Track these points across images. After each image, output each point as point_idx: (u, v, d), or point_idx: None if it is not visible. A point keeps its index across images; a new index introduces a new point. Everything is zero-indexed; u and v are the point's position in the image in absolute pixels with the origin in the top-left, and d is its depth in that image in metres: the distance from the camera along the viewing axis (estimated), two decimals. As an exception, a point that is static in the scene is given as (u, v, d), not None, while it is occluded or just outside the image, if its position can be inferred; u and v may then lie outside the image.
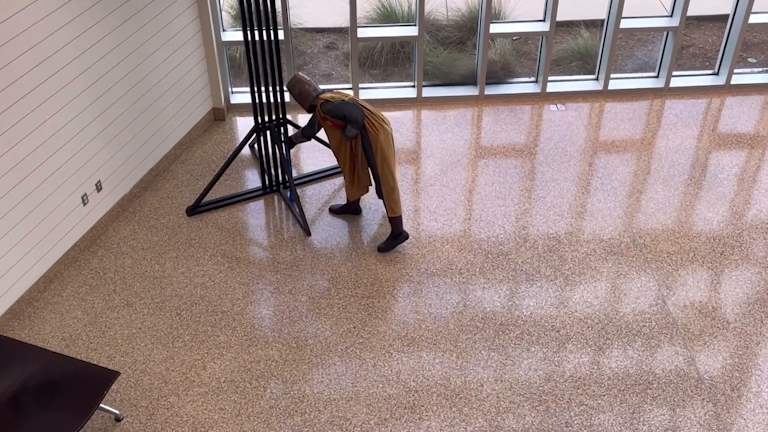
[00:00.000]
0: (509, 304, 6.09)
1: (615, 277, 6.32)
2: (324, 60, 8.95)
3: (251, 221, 6.82)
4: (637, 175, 7.36)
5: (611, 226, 6.79)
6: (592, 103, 8.35)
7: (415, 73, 8.23)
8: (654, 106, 8.31)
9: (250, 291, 6.18)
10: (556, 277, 6.31)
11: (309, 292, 6.17)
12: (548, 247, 6.57)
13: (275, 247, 6.57)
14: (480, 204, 7.01)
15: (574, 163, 7.49)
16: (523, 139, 7.82)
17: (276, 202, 7.04)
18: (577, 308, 6.06)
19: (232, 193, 7.10)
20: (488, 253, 6.51)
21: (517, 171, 7.39)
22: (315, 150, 7.61)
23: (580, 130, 7.93)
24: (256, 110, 6.69)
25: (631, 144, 7.75)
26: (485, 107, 8.28)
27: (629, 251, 6.55)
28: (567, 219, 6.85)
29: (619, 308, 6.07)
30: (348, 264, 6.40)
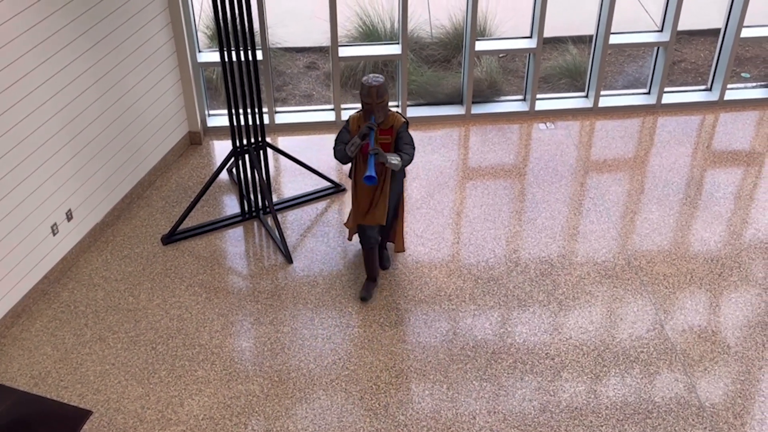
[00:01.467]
0: (501, 332, 6.04)
1: (610, 302, 6.29)
2: (304, 80, 8.94)
3: (230, 249, 6.76)
4: (631, 194, 7.36)
5: (605, 248, 6.77)
6: (582, 121, 8.37)
7: (399, 93, 8.23)
8: (646, 123, 8.33)
9: (229, 322, 6.11)
10: (550, 302, 6.28)
11: (291, 322, 6.11)
12: (540, 271, 6.54)
13: (255, 276, 6.51)
14: (469, 227, 6.98)
15: (565, 183, 7.48)
16: (511, 159, 7.81)
17: (255, 228, 7.00)
18: (572, 334, 6.02)
19: (209, 219, 7.05)
20: (478, 279, 6.48)
21: (506, 192, 7.38)
22: (296, 173, 7.58)
23: (570, 149, 7.93)
24: (234, 133, 6.67)
25: (624, 163, 7.76)
26: (472, 127, 8.28)
27: (624, 274, 6.53)
28: (559, 241, 6.84)
29: (616, 334, 6.03)
30: (332, 292, 6.35)
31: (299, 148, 7.93)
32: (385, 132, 5.70)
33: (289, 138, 8.11)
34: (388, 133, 5.69)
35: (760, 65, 9.21)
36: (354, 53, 8.04)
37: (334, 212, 7.16)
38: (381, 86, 5.55)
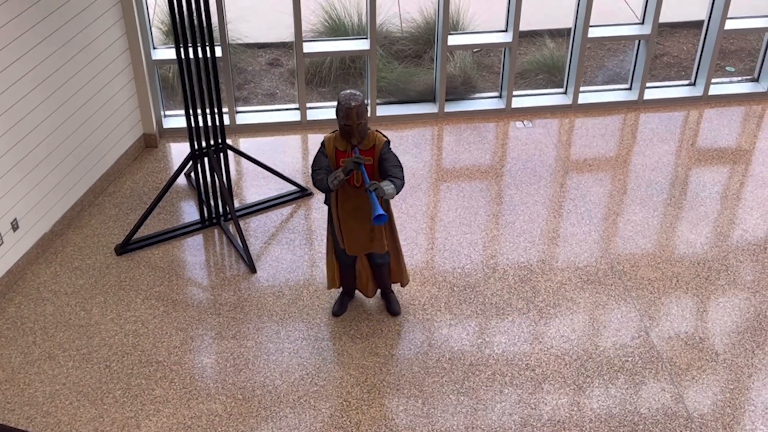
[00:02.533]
0: (479, 342, 6.04)
1: (593, 308, 6.31)
2: (267, 78, 8.90)
3: (189, 259, 6.71)
4: (613, 195, 7.39)
5: (587, 252, 6.79)
6: (561, 118, 8.40)
7: (368, 91, 8.21)
8: (628, 120, 8.38)
9: (189, 337, 6.05)
10: (529, 309, 6.28)
11: (256, 336, 6.06)
12: (519, 278, 6.55)
13: (217, 287, 6.46)
14: (443, 232, 6.98)
15: (544, 184, 7.50)
16: (488, 159, 7.82)
17: (216, 236, 6.95)
18: (554, 344, 6.03)
19: (166, 228, 6.99)
20: (454, 286, 6.47)
21: (482, 195, 7.38)
22: (258, 177, 7.54)
23: (549, 149, 7.95)
24: (192, 135, 6.62)
25: (605, 162, 7.79)
26: (446, 126, 8.28)
27: (607, 279, 6.55)
28: (539, 246, 6.85)
29: (599, 342, 6.05)
30: (299, 303, 6.31)
31: (262, 151, 7.88)
32: (365, 153, 5.53)
33: (251, 139, 8.07)
34: (369, 154, 5.55)
35: (745, 58, 9.31)
36: (320, 49, 8.02)
37: (300, 218, 7.12)
38: (361, 105, 5.35)
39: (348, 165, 5.41)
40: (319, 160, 5.58)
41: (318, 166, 5.58)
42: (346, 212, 5.68)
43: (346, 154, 5.53)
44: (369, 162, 5.54)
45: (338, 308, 6.20)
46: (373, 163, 5.55)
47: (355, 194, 5.62)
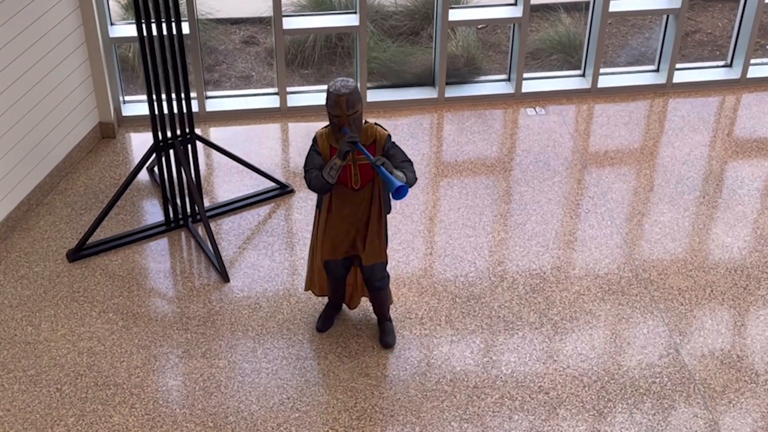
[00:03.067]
0: (484, 361, 6.04)
1: (615, 322, 6.32)
2: (241, 58, 8.89)
3: (152, 266, 6.70)
4: (638, 192, 7.40)
5: (608, 257, 6.81)
6: (579, 104, 8.41)
7: (357, 73, 8.21)
8: (655, 106, 8.40)
9: (152, 356, 6.05)
10: (543, 324, 6.29)
11: (228, 354, 6.06)
12: (531, 287, 6.56)
13: (184, 299, 6.45)
14: (444, 235, 6.98)
15: (560, 179, 7.51)
16: (494, 151, 7.82)
17: (183, 240, 6.94)
18: (570, 363, 6.03)
19: (126, 230, 6.99)
20: (456, 297, 6.48)
21: (488, 192, 7.38)
22: (232, 172, 7.53)
23: (565, 139, 7.96)
24: (156, 124, 6.61)
25: (629, 154, 7.80)
26: (446, 113, 8.28)
27: (631, 289, 6.56)
28: (553, 251, 6.85)
29: (622, 361, 6.06)
30: (278, 317, 6.31)
31: (236, 142, 7.88)
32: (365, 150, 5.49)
33: (224, 129, 8.06)
34: (368, 151, 5.52)
35: (789, 36, 9.34)
36: (302, 25, 8.01)
37: (280, 218, 7.12)
38: (352, 94, 5.30)
39: (342, 146, 5.33)
40: (313, 159, 5.52)
41: (311, 165, 5.51)
42: (342, 217, 5.65)
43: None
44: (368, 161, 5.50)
45: (323, 323, 6.21)
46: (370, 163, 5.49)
47: (353, 198, 5.60)
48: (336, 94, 5.31)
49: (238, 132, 8.03)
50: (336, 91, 5.31)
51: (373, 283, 5.91)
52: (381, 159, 5.28)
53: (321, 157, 5.52)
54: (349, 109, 5.33)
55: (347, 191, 5.59)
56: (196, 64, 7.91)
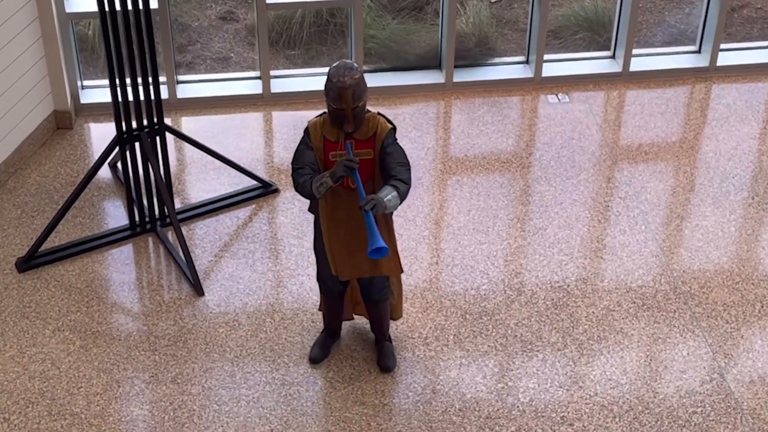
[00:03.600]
0: (499, 388, 6.02)
1: (650, 343, 6.30)
2: (218, 37, 8.88)
3: (114, 277, 6.69)
4: (676, 192, 7.39)
5: (642, 268, 6.79)
6: (608, 91, 8.39)
7: (352, 54, 8.19)
8: (696, 93, 8.38)
9: (115, 381, 6.03)
10: (566, 345, 6.27)
11: (203, 379, 6.04)
12: (552, 302, 6.54)
13: (151, 315, 6.44)
14: (452, 241, 6.96)
15: (586, 177, 7.49)
16: (510, 145, 7.81)
17: (151, 247, 6.92)
18: (598, 390, 6.02)
19: (85, 236, 6.98)
20: (466, 313, 6.46)
21: (503, 192, 7.37)
22: (207, 168, 7.52)
23: (592, 131, 7.95)
24: (119, 113, 6.60)
25: (666, 148, 7.79)
26: (455, 100, 8.27)
27: (669, 304, 6.54)
28: (578, 260, 6.84)
29: (659, 388, 6.04)
30: (261, 336, 6.29)
31: (212, 133, 7.87)
32: (363, 144, 5.45)
33: (198, 118, 8.06)
34: (367, 146, 5.46)
35: None
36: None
37: (263, 222, 7.11)
38: (358, 85, 5.23)
39: (338, 170, 5.26)
40: (302, 156, 5.47)
41: (301, 163, 5.46)
42: (337, 223, 5.60)
43: (337, 147, 5.44)
44: (368, 156, 5.46)
45: (318, 353, 6.14)
46: (372, 157, 5.46)
47: (349, 199, 5.55)
48: (340, 85, 5.21)
49: (215, 122, 8.02)
50: (340, 82, 5.21)
51: (372, 294, 5.88)
52: (372, 201, 5.19)
53: (313, 152, 5.47)
54: (354, 101, 5.26)
55: (342, 191, 5.54)
56: (166, 44, 7.89)
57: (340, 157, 5.38)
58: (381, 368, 6.11)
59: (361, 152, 5.47)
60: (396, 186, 5.35)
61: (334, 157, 5.44)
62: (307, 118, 7.86)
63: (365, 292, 5.89)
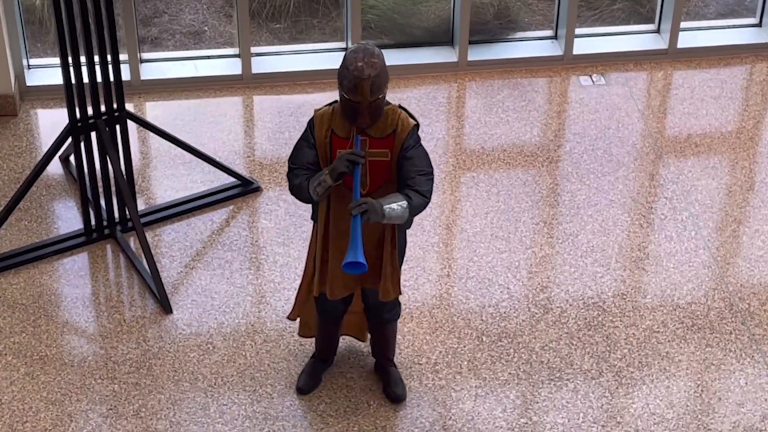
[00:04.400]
0: (522, 423, 6.03)
1: (702, 370, 6.30)
2: (189, 8, 8.87)
3: (67, 291, 6.70)
4: (732, 192, 7.39)
5: (692, 281, 6.79)
6: (652, 71, 8.40)
7: (348, 28, 8.20)
8: (756, 74, 8.38)
9: (67, 415, 6.03)
10: (602, 373, 6.28)
11: (171, 413, 6.05)
12: (586, 322, 6.54)
13: (110, 336, 6.44)
14: (466, 250, 6.97)
15: (625, 174, 7.50)
16: (536, 135, 7.82)
17: (110, 255, 6.92)
18: (640, 426, 6.02)
19: (32, 243, 6.99)
20: (483, 335, 6.46)
21: (527, 191, 7.37)
22: (177, 162, 7.52)
23: (632, 119, 7.95)
24: (72, 97, 6.60)
25: (720, 140, 7.79)
26: (470, 82, 8.27)
27: (724, 324, 6.54)
28: (616, 272, 6.84)
29: (711, 424, 6.04)
30: (239, 361, 6.30)
31: (182, 121, 7.88)
32: (380, 143, 5.37)
33: (165, 104, 8.07)
34: (385, 144, 5.38)
35: None
36: (272, -38, 8.02)
37: (241, 227, 7.11)
38: (379, 75, 5.16)
39: (338, 165, 5.18)
40: (302, 153, 5.42)
41: (298, 161, 5.41)
42: (338, 233, 5.56)
43: (347, 144, 5.38)
44: (383, 158, 5.38)
45: (307, 382, 6.15)
46: (389, 159, 5.37)
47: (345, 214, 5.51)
48: (357, 74, 5.14)
49: (185, 108, 8.03)
50: (357, 70, 5.14)
51: (382, 314, 5.87)
52: (363, 205, 5.09)
53: (315, 151, 5.40)
54: (373, 94, 5.18)
55: (346, 194, 5.47)
56: (128, 16, 7.89)
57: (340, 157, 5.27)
58: (390, 398, 6.11)
59: (376, 152, 5.38)
60: (409, 196, 5.28)
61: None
62: (293, 104, 7.91)
63: (374, 312, 5.88)
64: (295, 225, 7.09)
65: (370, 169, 5.40)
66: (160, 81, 8.17)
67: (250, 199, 7.33)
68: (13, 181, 7.38)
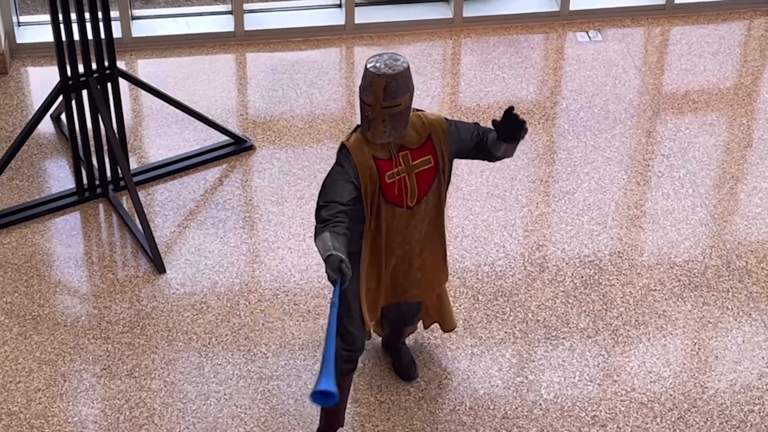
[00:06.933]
0: (517, 382, 6.04)
1: (699, 329, 6.31)
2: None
3: (59, 251, 6.71)
4: (730, 149, 7.38)
5: (689, 239, 6.80)
6: (650, 27, 8.37)
7: (342, -17, 8.18)
8: (755, 29, 8.36)
9: (60, 375, 6.05)
10: (598, 331, 6.29)
11: (165, 373, 6.06)
12: (582, 280, 6.55)
13: (103, 296, 6.45)
14: (462, 207, 6.97)
15: (622, 131, 7.49)
16: (532, 92, 7.80)
17: (102, 215, 6.92)
18: (636, 385, 6.04)
19: (22, 202, 6.99)
20: (478, 294, 6.47)
21: (523, 149, 7.36)
22: (169, 121, 7.51)
23: (629, 75, 7.94)
24: (63, 55, 6.58)
25: (718, 96, 7.78)
26: (465, 38, 8.25)
27: (721, 282, 6.55)
28: (612, 230, 6.84)
29: (708, 382, 6.06)
30: (233, 321, 6.31)
31: (174, 79, 7.86)
32: (420, 152, 5.20)
33: (157, 61, 8.06)
34: (426, 152, 5.21)
35: None
36: None
37: (235, 185, 7.10)
38: (397, 78, 4.95)
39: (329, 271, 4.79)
40: (337, 187, 5.05)
41: (331, 197, 5.02)
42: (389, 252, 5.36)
43: (393, 165, 5.17)
44: (428, 166, 5.22)
45: None
46: (434, 165, 5.21)
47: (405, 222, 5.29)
48: (374, 72, 4.96)
49: (178, 65, 8.00)
50: (375, 68, 4.97)
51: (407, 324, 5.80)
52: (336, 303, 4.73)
53: (352, 185, 5.08)
54: (386, 98, 4.97)
55: (397, 212, 5.27)
56: (119, -28, 7.86)
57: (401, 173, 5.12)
58: (402, 377, 6.03)
59: (419, 163, 5.21)
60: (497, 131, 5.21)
61: (391, 178, 5.15)
62: (287, 61, 7.90)
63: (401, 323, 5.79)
64: (288, 184, 7.08)
65: (417, 179, 5.23)
66: (152, 38, 8.14)
67: (243, 157, 7.32)
68: (3, 140, 7.37)
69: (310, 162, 7.24)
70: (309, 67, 8.00)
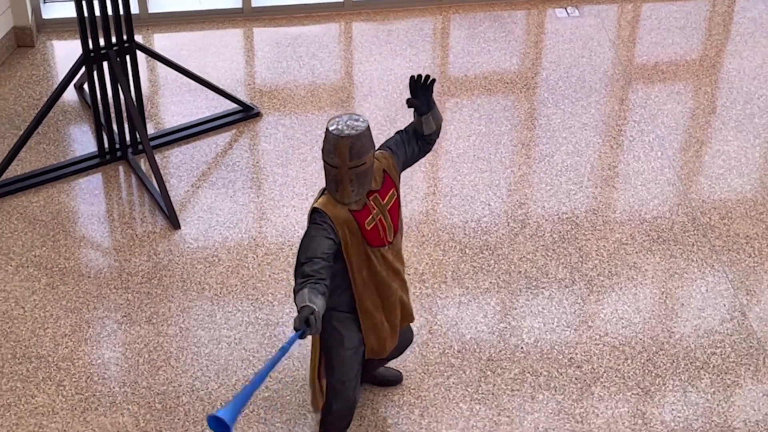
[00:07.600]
0: (501, 328, 6.06)
1: (666, 279, 6.33)
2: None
3: (83, 208, 6.71)
4: (696, 115, 7.38)
5: (657, 198, 6.80)
6: (623, 4, 8.35)
7: (341, -36, 8.14)
8: (718, 6, 8.33)
9: (84, 321, 6.07)
10: (574, 281, 6.31)
11: (180, 320, 6.08)
12: (560, 235, 6.56)
13: (123, 250, 6.46)
14: (450, 170, 6.97)
15: (597, 99, 7.48)
16: (515, 64, 7.78)
17: (122, 176, 6.92)
18: (608, 330, 6.06)
19: (49, 164, 6.98)
20: (465, 248, 6.48)
21: (507, 115, 7.35)
22: (183, 90, 7.50)
23: (603, 48, 7.92)
24: (85, 29, 6.56)
25: (685, 67, 7.77)
26: (453, 14, 8.22)
27: (686, 237, 6.57)
28: (588, 189, 6.85)
29: (674, 327, 6.08)
30: (242, 272, 6.32)
31: (187, 51, 7.84)
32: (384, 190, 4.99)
33: (172, 35, 8.04)
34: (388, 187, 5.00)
35: None
36: None
37: (243, 148, 7.10)
38: (360, 138, 4.71)
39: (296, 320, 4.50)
40: (316, 242, 4.76)
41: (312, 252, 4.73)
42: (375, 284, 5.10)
43: (368, 212, 4.92)
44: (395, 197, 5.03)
45: None
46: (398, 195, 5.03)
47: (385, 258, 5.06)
48: (337, 134, 4.71)
49: (190, 39, 7.97)
50: (337, 130, 4.72)
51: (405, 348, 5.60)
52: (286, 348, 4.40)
53: (331, 240, 4.80)
54: (352, 158, 4.73)
55: (382, 252, 5.04)
56: (136, -47, 7.83)
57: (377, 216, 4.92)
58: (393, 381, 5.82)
59: (387, 200, 5.02)
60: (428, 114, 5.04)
61: (370, 224, 4.92)
62: (291, 35, 7.87)
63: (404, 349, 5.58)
64: (292, 147, 7.08)
65: (391, 214, 5.03)
66: (167, 14, 8.12)
67: (251, 123, 7.31)
68: (32, 107, 7.36)
69: (312, 127, 7.24)
70: (311, 40, 7.98)
